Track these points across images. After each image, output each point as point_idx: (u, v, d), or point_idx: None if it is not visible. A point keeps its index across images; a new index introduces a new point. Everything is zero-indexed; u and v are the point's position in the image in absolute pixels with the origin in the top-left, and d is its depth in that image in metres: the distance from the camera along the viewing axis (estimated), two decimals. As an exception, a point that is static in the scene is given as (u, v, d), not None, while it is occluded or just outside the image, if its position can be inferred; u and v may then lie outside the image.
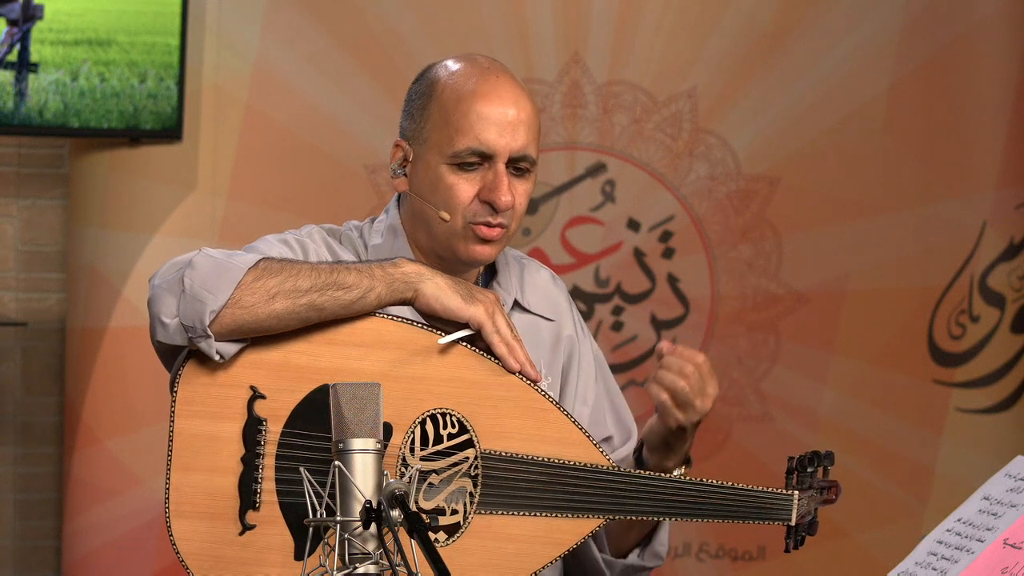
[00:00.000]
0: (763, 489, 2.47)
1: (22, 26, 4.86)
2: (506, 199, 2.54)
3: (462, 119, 2.54)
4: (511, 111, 2.55)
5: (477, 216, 2.55)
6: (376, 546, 2.16)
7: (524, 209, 2.59)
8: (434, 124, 2.57)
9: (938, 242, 5.24)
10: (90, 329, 5.05)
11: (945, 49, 5.22)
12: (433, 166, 2.57)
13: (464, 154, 2.54)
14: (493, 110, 2.54)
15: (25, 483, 5.34)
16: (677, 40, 5.22)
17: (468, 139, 2.54)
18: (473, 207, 2.55)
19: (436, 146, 2.56)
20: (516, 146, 2.55)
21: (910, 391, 5.24)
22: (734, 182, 5.26)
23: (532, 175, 2.59)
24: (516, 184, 2.56)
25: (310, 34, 5.09)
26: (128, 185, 5.04)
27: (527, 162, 2.57)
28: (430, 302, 2.45)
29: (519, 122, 2.55)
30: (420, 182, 2.59)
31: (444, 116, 2.56)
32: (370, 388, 2.19)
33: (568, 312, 2.75)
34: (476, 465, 2.43)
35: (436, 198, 2.56)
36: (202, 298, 2.34)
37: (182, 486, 2.37)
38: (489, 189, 2.54)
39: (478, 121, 2.54)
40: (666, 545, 2.66)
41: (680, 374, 2.51)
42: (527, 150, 2.56)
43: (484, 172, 2.55)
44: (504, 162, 2.55)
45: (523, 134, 2.55)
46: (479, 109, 2.54)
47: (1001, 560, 2.15)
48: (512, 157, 2.55)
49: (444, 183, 2.56)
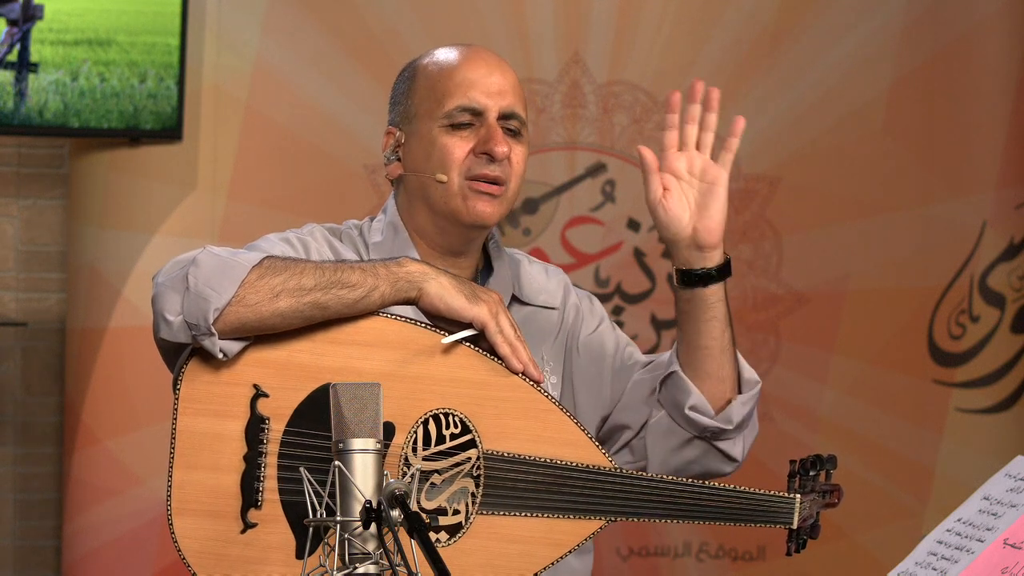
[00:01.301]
0: (765, 492, 2.47)
1: (22, 26, 4.86)
2: (501, 148, 2.55)
3: (448, 82, 2.58)
4: (495, 75, 2.59)
5: (474, 169, 2.57)
6: (376, 546, 2.16)
7: (522, 172, 2.60)
8: (421, 97, 2.60)
9: (938, 242, 5.24)
10: (90, 329, 5.05)
11: (945, 49, 5.22)
12: (425, 133, 2.59)
13: (455, 112, 2.57)
14: (477, 74, 2.59)
15: (25, 483, 5.34)
16: (677, 40, 5.22)
17: (457, 98, 2.57)
18: (469, 162, 2.57)
19: (426, 114, 2.59)
20: (504, 103, 2.58)
21: (910, 391, 5.24)
22: (734, 182, 5.20)
23: (525, 139, 2.62)
24: (511, 143, 2.58)
25: (310, 34, 5.09)
26: (128, 185, 5.04)
27: (517, 120, 2.60)
28: (434, 301, 2.45)
29: (504, 86, 2.59)
30: (414, 156, 2.61)
31: (430, 85, 2.60)
32: (370, 388, 2.19)
33: (569, 297, 2.75)
34: (478, 465, 2.43)
35: (432, 163, 2.58)
36: (206, 296, 2.35)
37: (184, 484, 2.37)
38: (483, 141, 2.57)
39: (464, 82, 2.58)
40: (750, 369, 2.63)
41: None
42: (515, 108, 2.59)
43: (476, 129, 2.58)
44: (495, 117, 2.57)
45: (510, 95, 2.59)
46: (464, 73, 2.59)
47: (1001, 560, 2.15)
48: (502, 113, 2.58)
49: (438, 144, 2.58)
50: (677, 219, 2.56)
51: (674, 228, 2.56)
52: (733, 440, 2.63)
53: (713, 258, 2.57)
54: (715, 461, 2.64)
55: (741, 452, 2.65)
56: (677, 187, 2.57)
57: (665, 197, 2.56)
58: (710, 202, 2.57)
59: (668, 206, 2.56)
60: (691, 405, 2.59)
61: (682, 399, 2.59)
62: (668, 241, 2.58)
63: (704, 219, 2.56)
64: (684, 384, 2.59)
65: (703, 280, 2.57)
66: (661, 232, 2.58)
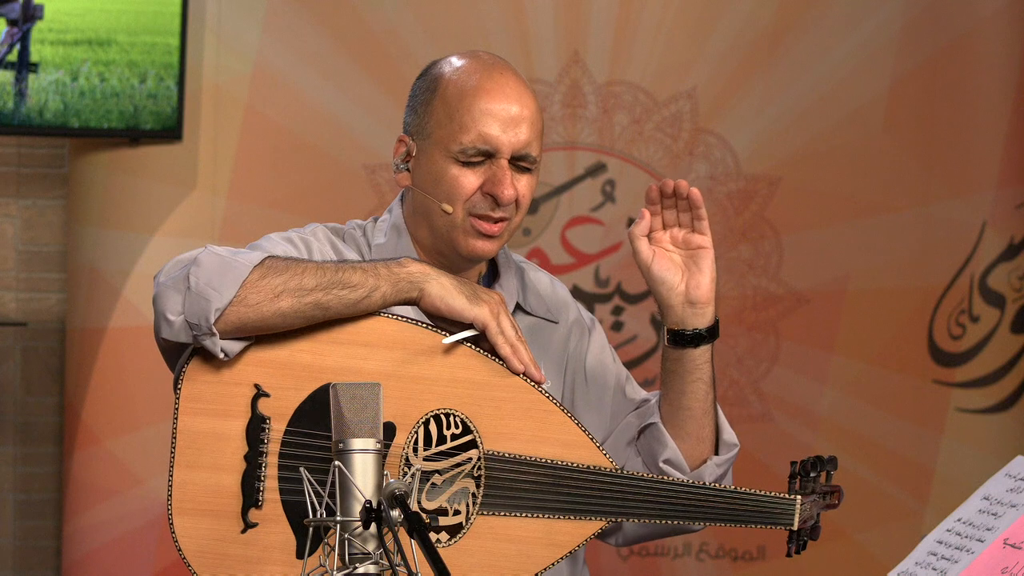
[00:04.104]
0: (766, 493, 2.47)
1: (22, 26, 4.86)
2: (509, 193, 2.55)
3: (466, 115, 2.56)
4: (514, 108, 2.57)
5: (478, 208, 2.56)
6: (376, 546, 2.16)
7: (527, 204, 2.60)
8: (438, 120, 2.58)
9: (938, 242, 5.24)
10: (90, 329, 5.05)
11: (945, 49, 5.22)
12: (436, 160, 2.58)
13: (468, 151, 2.56)
14: (496, 106, 2.56)
15: (25, 483, 5.34)
16: (677, 40, 5.22)
17: (472, 136, 2.55)
18: (475, 199, 2.57)
19: (440, 142, 2.57)
20: (519, 142, 2.56)
21: (910, 391, 5.24)
22: (734, 182, 5.26)
23: (535, 171, 2.61)
24: (519, 179, 2.58)
25: (310, 34, 5.09)
26: (128, 185, 5.04)
27: (528, 161, 2.58)
28: (435, 302, 2.45)
29: (522, 119, 2.57)
30: (423, 176, 2.60)
31: (448, 112, 2.57)
32: (370, 388, 2.19)
33: (571, 311, 2.76)
34: (479, 466, 2.43)
35: (439, 191, 2.58)
36: (207, 296, 2.35)
37: (185, 483, 2.37)
38: (492, 183, 2.56)
39: (481, 117, 2.55)
40: (731, 432, 2.66)
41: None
42: (529, 148, 2.58)
43: (487, 167, 2.57)
44: (507, 158, 2.56)
45: (526, 131, 2.57)
46: (483, 105, 2.56)
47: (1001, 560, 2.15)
48: (515, 155, 2.56)
49: (447, 176, 2.57)
50: (670, 275, 2.58)
51: (668, 284, 2.58)
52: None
53: (706, 315, 2.58)
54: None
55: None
56: (664, 252, 2.59)
57: (655, 257, 2.57)
58: (700, 262, 2.59)
59: (659, 263, 2.58)
60: (665, 459, 2.61)
61: (658, 451, 2.61)
62: (661, 299, 2.59)
63: (695, 276, 2.58)
64: (662, 436, 2.61)
65: (693, 341, 2.58)
66: (654, 290, 2.60)
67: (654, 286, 2.59)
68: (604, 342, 2.78)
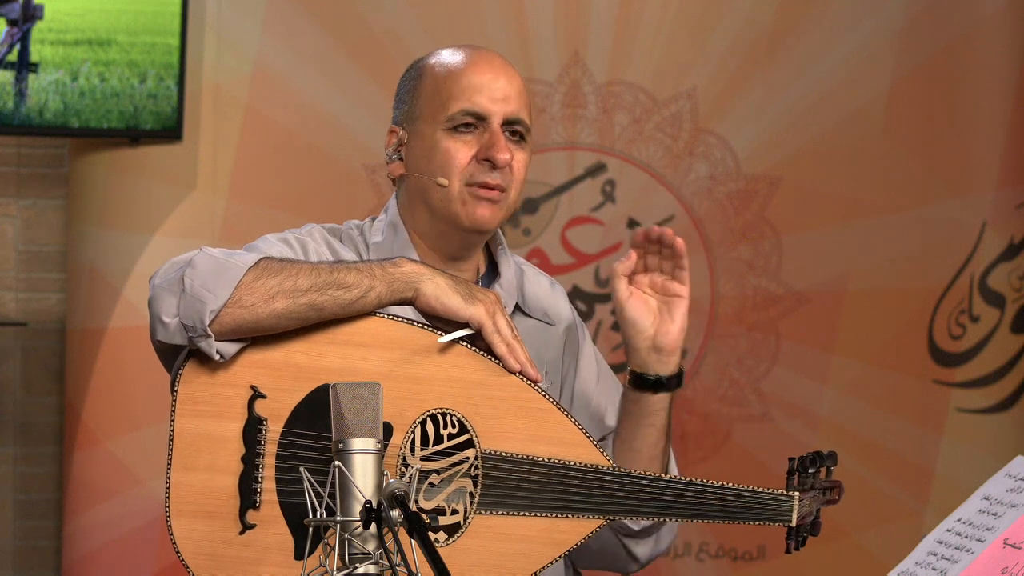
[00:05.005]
0: (763, 490, 2.47)
1: (22, 26, 4.86)
2: (504, 155, 2.56)
3: (454, 85, 2.58)
4: (501, 80, 2.59)
5: (475, 176, 2.57)
6: (376, 546, 2.16)
7: (523, 178, 2.61)
8: (426, 98, 2.60)
9: (938, 242, 5.24)
10: (90, 329, 5.05)
11: (945, 49, 5.22)
12: (428, 135, 2.59)
13: (458, 116, 2.57)
14: (483, 78, 2.59)
15: (25, 483, 5.34)
16: (677, 40, 5.22)
17: (461, 102, 2.57)
18: (471, 168, 2.58)
19: (430, 116, 2.59)
20: (509, 110, 2.58)
21: (910, 391, 5.24)
22: (734, 182, 5.26)
23: (528, 145, 2.62)
24: (514, 150, 2.58)
25: (310, 34, 5.09)
26: (128, 185, 5.04)
27: (521, 126, 2.60)
28: (430, 302, 2.45)
29: (509, 90, 2.59)
30: (416, 157, 2.61)
31: (435, 86, 2.59)
32: (370, 388, 2.19)
33: (568, 317, 2.76)
34: (476, 465, 2.43)
35: (433, 165, 2.59)
36: (202, 298, 2.35)
37: (182, 485, 2.37)
38: (486, 147, 2.57)
39: (469, 87, 2.58)
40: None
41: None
42: (520, 114, 2.59)
43: (480, 134, 2.58)
44: (499, 123, 2.57)
45: (515, 101, 2.59)
46: (469, 78, 2.59)
47: (1001, 560, 2.15)
48: (507, 119, 2.58)
49: (440, 148, 2.58)
50: (641, 318, 2.57)
51: (638, 326, 2.58)
52: (638, 541, 2.66)
53: (670, 364, 2.58)
54: (619, 556, 2.68)
55: (646, 556, 2.69)
56: (641, 293, 2.59)
57: (631, 298, 2.57)
58: (673, 311, 2.58)
59: (633, 304, 2.57)
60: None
61: None
62: (628, 340, 2.60)
63: (665, 323, 2.58)
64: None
65: (653, 387, 2.59)
66: (624, 330, 2.60)
67: (624, 326, 2.60)
68: (592, 360, 2.78)
